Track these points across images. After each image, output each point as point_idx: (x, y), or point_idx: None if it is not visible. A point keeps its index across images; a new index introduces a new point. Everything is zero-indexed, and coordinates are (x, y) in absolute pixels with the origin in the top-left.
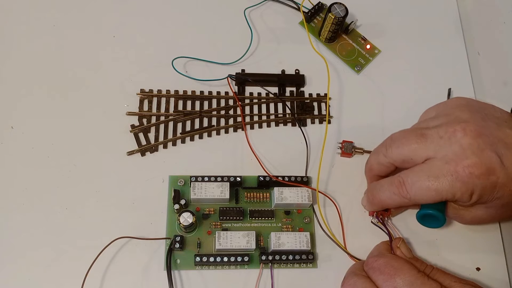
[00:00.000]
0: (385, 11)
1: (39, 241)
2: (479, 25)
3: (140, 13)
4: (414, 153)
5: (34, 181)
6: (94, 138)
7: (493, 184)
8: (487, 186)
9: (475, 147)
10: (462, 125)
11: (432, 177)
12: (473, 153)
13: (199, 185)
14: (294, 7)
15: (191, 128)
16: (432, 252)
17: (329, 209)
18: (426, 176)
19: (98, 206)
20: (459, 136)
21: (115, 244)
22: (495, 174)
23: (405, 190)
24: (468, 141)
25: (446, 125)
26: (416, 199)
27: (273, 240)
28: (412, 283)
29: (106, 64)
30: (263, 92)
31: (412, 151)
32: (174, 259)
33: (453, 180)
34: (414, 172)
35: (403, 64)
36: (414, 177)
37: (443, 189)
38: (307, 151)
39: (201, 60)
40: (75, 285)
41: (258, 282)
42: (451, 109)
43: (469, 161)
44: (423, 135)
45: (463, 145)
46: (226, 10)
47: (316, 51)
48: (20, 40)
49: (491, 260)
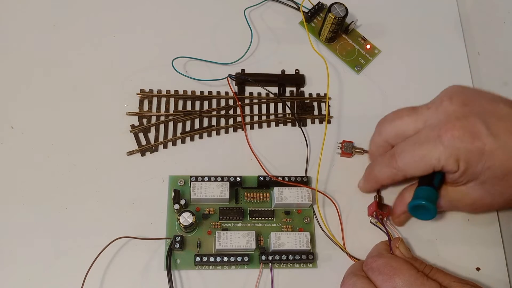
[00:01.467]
0: (385, 11)
1: (39, 241)
2: (479, 25)
3: (140, 13)
4: (406, 125)
5: (34, 181)
6: (94, 138)
7: (480, 150)
8: (472, 151)
9: (459, 113)
10: (449, 95)
11: (417, 143)
12: (456, 118)
13: (199, 185)
14: (294, 7)
15: (191, 128)
16: (432, 252)
17: (329, 209)
18: (412, 143)
19: (98, 206)
20: (445, 104)
21: (115, 244)
22: (480, 139)
23: (394, 160)
24: (454, 108)
25: (435, 99)
26: (405, 169)
27: (273, 240)
28: (411, 283)
29: (106, 64)
30: (263, 92)
31: (403, 123)
32: (174, 259)
33: (436, 144)
34: (404, 142)
35: (403, 64)
36: (402, 146)
37: (427, 154)
38: (307, 151)
39: (201, 60)
40: (75, 285)
41: (258, 282)
42: (444, 90)
43: (451, 124)
44: (413, 108)
45: (448, 111)
46: (226, 10)
47: (316, 51)
48: (20, 40)
49: (491, 260)
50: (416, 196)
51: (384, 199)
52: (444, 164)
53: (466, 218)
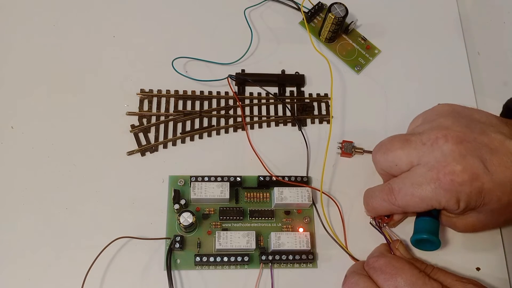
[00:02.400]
0: (385, 11)
1: (39, 241)
2: (479, 25)
3: (140, 13)
4: (398, 159)
5: (34, 181)
6: (94, 138)
7: (479, 189)
8: (472, 192)
9: (456, 154)
10: (443, 132)
11: (416, 184)
12: (454, 159)
13: (199, 185)
14: (294, 7)
15: (191, 128)
16: (432, 252)
17: (329, 209)
18: (410, 183)
19: (98, 206)
20: (441, 143)
21: (115, 244)
22: (479, 179)
23: (393, 197)
24: (450, 148)
25: (428, 131)
26: (404, 206)
27: (273, 240)
28: (413, 283)
29: (106, 64)
30: (263, 92)
31: (396, 157)
32: (174, 259)
33: (436, 188)
34: (400, 179)
35: (403, 64)
36: (400, 184)
37: (427, 196)
38: (308, 151)
39: (201, 60)
40: (75, 285)
41: (258, 282)
42: (435, 115)
43: (450, 167)
44: (406, 140)
45: (444, 151)
46: (226, 10)
47: (318, 51)
48: (20, 40)
49: (491, 260)
50: (418, 230)
51: None
52: (445, 205)
53: None
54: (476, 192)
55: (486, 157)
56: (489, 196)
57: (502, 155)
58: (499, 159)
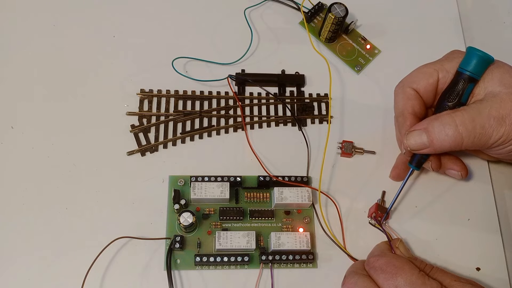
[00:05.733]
0: (385, 11)
1: (39, 241)
2: (479, 25)
3: (140, 13)
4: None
5: (34, 181)
6: (94, 138)
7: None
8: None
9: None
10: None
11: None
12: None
13: (199, 185)
14: (294, 7)
15: (191, 128)
16: (432, 252)
17: (329, 209)
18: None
19: (98, 206)
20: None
21: (115, 244)
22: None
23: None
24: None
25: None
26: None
27: (273, 240)
28: (413, 283)
29: (106, 64)
30: (263, 92)
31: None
32: (174, 259)
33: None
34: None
35: (403, 64)
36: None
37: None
38: (308, 151)
39: (201, 60)
40: (75, 285)
41: (258, 282)
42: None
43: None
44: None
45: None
46: (226, 10)
47: (318, 52)
48: (20, 40)
49: (491, 260)
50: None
51: (386, 203)
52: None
53: (466, 218)
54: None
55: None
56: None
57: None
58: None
